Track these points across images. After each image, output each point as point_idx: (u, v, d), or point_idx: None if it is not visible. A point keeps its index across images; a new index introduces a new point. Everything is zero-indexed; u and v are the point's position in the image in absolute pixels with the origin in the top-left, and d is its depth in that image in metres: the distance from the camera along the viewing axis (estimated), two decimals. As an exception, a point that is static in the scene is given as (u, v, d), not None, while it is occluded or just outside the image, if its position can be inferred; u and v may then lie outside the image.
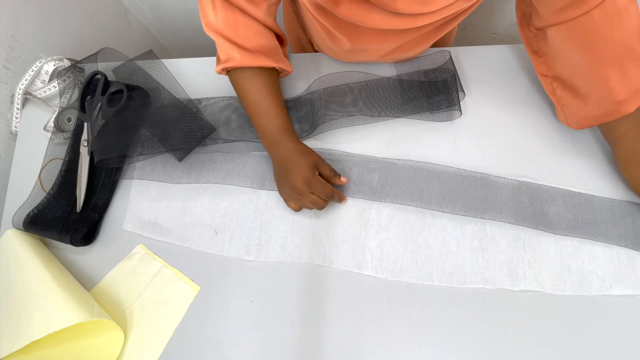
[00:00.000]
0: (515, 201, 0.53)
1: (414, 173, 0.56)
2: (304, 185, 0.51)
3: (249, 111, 0.56)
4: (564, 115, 0.54)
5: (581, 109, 0.51)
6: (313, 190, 0.52)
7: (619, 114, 0.47)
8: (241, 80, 0.56)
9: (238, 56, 0.52)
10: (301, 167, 0.52)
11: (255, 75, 0.55)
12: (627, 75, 0.46)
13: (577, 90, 0.51)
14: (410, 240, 0.54)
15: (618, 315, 0.48)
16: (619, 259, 0.50)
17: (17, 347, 0.48)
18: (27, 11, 0.71)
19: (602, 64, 0.46)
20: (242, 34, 0.52)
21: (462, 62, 0.63)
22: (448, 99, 0.58)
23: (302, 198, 0.52)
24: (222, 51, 0.54)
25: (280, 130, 0.55)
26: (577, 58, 0.48)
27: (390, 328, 0.50)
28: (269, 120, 0.55)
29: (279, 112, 0.56)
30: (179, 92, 0.64)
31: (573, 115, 0.53)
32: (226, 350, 0.51)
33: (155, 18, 1.10)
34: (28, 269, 0.54)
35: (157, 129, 0.61)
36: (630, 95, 0.46)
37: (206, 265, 0.56)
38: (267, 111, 0.55)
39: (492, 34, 1.14)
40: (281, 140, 0.54)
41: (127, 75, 0.65)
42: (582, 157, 0.56)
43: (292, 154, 0.53)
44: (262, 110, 0.55)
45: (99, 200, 0.60)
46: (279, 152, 0.54)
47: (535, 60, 0.55)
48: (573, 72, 0.50)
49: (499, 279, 0.51)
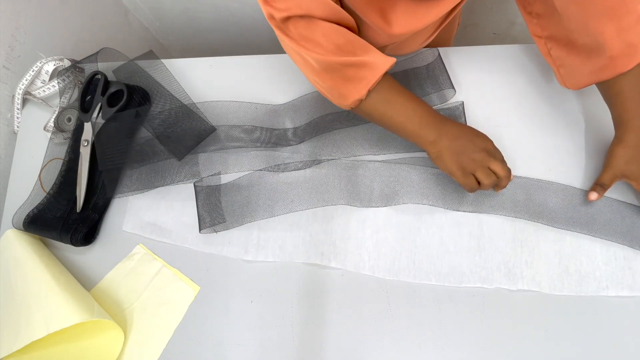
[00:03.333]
0: (514, 199, 0.53)
1: (410, 173, 0.56)
2: (487, 154, 0.49)
3: (397, 130, 0.52)
4: (560, 76, 0.54)
5: (577, 67, 0.50)
6: (493, 160, 0.48)
7: (614, 70, 0.46)
8: (379, 101, 0.50)
9: (369, 70, 0.47)
10: (483, 139, 0.50)
11: (382, 84, 0.49)
12: (621, 29, 0.45)
13: (572, 47, 0.50)
14: (407, 239, 0.54)
15: (617, 315, 0.48)
16: (616, 260, 0.50)
17: (17, 347, 0.48)
18: (27, 11, 0.71)
19: (596, 16, 0.45)
20: (345, 44, 0.47)
21: (462, 62, 0.63)
22: (438, 83, 0.59)
23: (481, 166, 0.48)
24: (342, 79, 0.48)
25: (430, 113, 0.51)
26: (571, 11, 0.47)
27: (390, 328, 0.50)
28: (414, 117, 0.50)
29: (416, 101, 0.51)
30: (179, 92, 0.64)
31: (569, 76, 0.52)
32: (226, 350, 0.51)
33: (155, 18, 1.10)
34: (28, 269, 0.54)
35: (157, 129, 0.61)
36: (623, 49, 0.45)
37: (206, 265, 0.56)
38: (406, 107, 0.51)
39: (492, 34, 1.15)
40: (442, 123, 0.51)
41: (127, 75, 0.65)
42: (582, 157, 0.56)
43: (465, 129, 0.51)
44: (405, 110, 0.51)
45: (98, 200, 0.60)
46: (449, 130, 0.50)
47: (530, 21, 0.54)
48: (567, 28, 0.49)
49: (496, 279, 0.51)
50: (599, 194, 0.51)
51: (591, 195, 0.51)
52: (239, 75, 0.66)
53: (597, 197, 0.51)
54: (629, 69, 0.45)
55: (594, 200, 0.51)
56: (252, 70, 0.66)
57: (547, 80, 0.60)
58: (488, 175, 0.48)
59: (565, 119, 0.57)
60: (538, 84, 0.60)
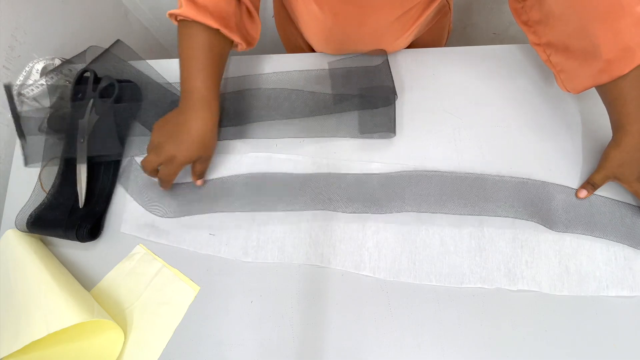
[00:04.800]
0: (514, 199, 0.53)
1: (410, 181, 0.56)
2: (170, 155, 0.52)
3: (181, 66, 0.54)
4: (561, 81, 0.54)
5: (575, 71, 0.51)
6: (168, 162, 0.52)
7: (611, 74, 0.46)
8: (185, 34, 0.53)
9: (183, 5, 0.51)
10: (190, 145, 0.52)
11: (201, 32, 0.52)
12: (617, 32, 0.44)
13: (570, 52, 0.50)
14: (408, 240, 0.54)
15: (617, 315, 0.48)
16: (616, 260, 0.50)
17: (17, 347, 0.48)
18: (27, 11, 0.71)
19: (592, 19, 0.45)
20: None
21: (461, 62, 0.63)
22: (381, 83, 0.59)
23: (158, 158, 0.53)
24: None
25: (202, 97, 0.53)
26: (567, 15, 0.47)
27: (390, 328, 0.50)
28: (195, 80, 0.53)
29: (210, 76, 0.53)
30: (158, 78, 0.65)
31: (569, 80, 0.52)
32: (226, 350, 0.51)
33: (155, 18, 1.10)
34: (28, 269, 0.54)
35: (147, 119, 0.62)
36: (619, 53, 0.45)
37: (206, 266, 0.56)
38: (198, 69, 0.53)
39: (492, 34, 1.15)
40: (200, 106, 0.53)
41: (112, 69, 0.65)
42: (583, 157, 0.56)
43: (196, 125, 0.52)
44: (194, 67, 0.53)
45: (101, 195, 0.61)
46: (188, 114, 0.53)
47: (527, 31, 0.54)
48: (564, 32, 0.49)
49: (497, 279, 0.51)
50: (588, 192, 0.52)
51: (580, 193, 0.52)
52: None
53: (586, 194, 0.52)
54: (626, 72, 0.45)
55: (582, 197, 0.52)
56: (252, 71, 0.66)
57: (546, 81, 0.60)
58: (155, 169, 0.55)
59: (565, 119, 0.58)
60: (538, 84, 0.60)
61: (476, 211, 0.53)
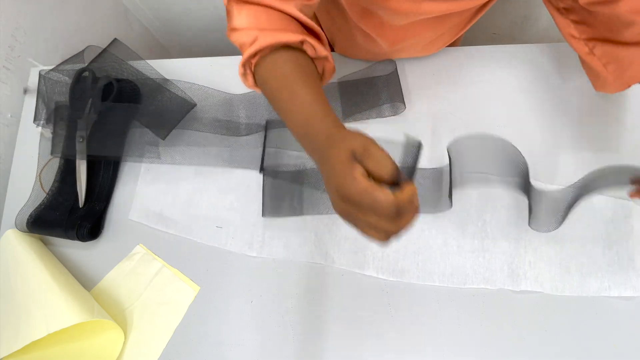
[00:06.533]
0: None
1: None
2: (342, 201, 0.32)
3: (276, 105, 0.43)
4: (608, 75, 0.45)
5: (630, 57, 0.42)
6: (358, 205, 0.31)
7: None
8: (265, 73, 0.43)
9: (258, 38, 0.42)
10: (334, 169, 0.33)
11: (280, 58, 0.43)
12: None
13: (624, 38, 0.42)
14: (411, 240, 0.53)
15: (618, 316, 0.48)
16: (619, 261, 0.50)
17: (17, 347, 0.48)
18: (27, 11, 0.71)
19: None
20: (263, 21, 0.42)
21: (462, 62, 0.62)
22: (390, 94, 0.60)
23: (355, 222, 0.33)
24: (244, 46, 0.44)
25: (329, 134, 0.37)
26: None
27: (390, 328, 0.50)
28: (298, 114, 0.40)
29: (313, 99, 0.40)
30: (150, 72, 0.65)
31: (622, 70, 0.44)
32: (226, 350, 0.51)
33: (155, 18, 1.10)
34: (28, 269, 0.54)
35: (146, 118, 0.62)
36: None
37: (206, 266, 0.56)
38: (292, 97, 0.41)
39: (492, 34, 1.14)
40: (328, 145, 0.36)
41: (109, 68, 0.65)
42: (583, 157, 0.56)
43: (324, 153, 0.36)
44: (287, 97, 0.41)
45: (101, 193, 0.61)
46: (321, 155, 0.37)
47: (562, 21, 0.45)
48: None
49: (500, 280, 0.50)
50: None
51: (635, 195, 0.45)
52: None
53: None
54: None
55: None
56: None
57: (547, 80, 0.60)
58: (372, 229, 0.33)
59: (565, 119, 0.57)
60: (538, 84, 0.60)
61: (477, 212, 0.53)
